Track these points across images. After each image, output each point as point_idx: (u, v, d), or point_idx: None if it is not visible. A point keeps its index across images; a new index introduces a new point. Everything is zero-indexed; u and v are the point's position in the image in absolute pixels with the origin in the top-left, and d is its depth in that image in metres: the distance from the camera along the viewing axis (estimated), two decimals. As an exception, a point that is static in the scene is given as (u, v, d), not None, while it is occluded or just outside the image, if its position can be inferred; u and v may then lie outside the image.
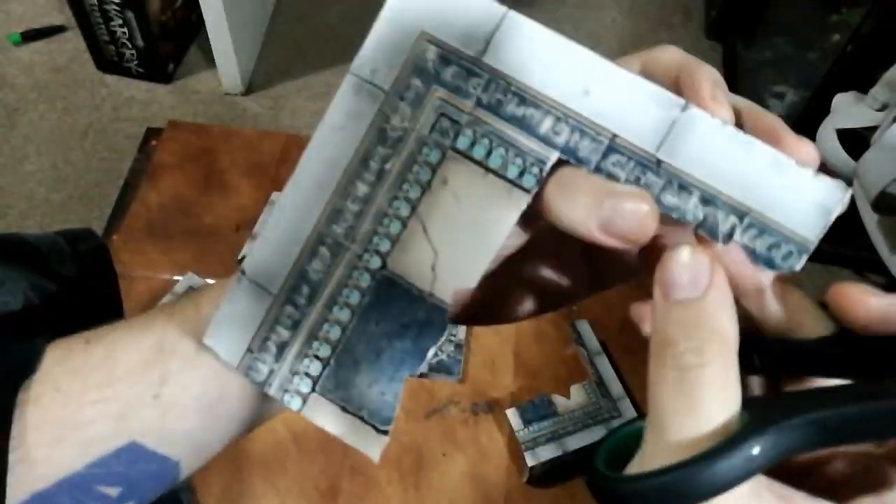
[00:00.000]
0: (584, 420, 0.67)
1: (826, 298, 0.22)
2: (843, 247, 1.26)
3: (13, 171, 1.50)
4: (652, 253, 0.24)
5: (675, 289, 0.21)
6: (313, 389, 0.26)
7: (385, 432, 0.25)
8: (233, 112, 1.61)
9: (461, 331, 0.73)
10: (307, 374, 0.26)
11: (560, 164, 0.23)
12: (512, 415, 0.67)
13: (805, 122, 1.06)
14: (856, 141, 0.86)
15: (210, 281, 0.76)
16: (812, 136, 0.90)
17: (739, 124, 0.24)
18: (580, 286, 0.31)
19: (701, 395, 0.19)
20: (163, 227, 0.82)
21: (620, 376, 0.70)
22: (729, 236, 0.23)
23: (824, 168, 0.23)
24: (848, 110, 0.88)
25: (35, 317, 0.34)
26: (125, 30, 1.53)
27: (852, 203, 0.82)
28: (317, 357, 0.26)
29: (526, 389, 0.71)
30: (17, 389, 0.27)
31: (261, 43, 1.72)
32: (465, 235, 0.24)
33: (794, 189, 0.22)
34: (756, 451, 0.19)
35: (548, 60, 0.23)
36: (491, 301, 0.31)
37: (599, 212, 0.22)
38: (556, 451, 0.65)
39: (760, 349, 0.23)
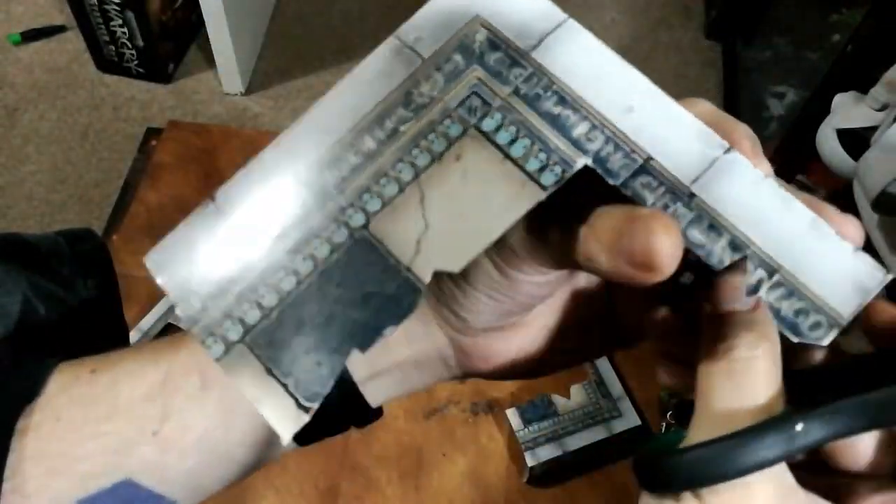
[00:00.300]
0: (584, 420, 0.67)
1: (864, 324, 0.22)
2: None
3: (13, 172, 1.49)
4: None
5: (729, 301, 0.22)
6: (242, 339, 0.23)
7: (306, 409, 0.22)
8: (233, 112, 1.61)
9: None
10: (241, 321, 0.23)
11: (590, 198, 0.22)
12: (512, 415, 0.67)
13: (805, 122, 1.06)
14: (856, 141, 0.85)
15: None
16: (812, 136, 0.90)
17: None
18: (597, 348, 0.31)
19: (750, 381, 0.20)
20: (163, 228, 0.81)
21: (620, 376, 0.70)
22: (755, 290, 0.22)
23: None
24: (848, 110, 0.88)
25: (35, 319, 0.34)
26: (125, 30, 1.53)
27: (853, 203, 0.82)
28: (259, 304, 0.23)
29: (526, 389, 0.71)
30: (17, 416, 0.27)
31: (261, 43, 1.72)
32: (463, 216, 0.22)
33: (831, 259, 0.21)
34: (799, 427, 0.19)
35: (596, 71, 0.22)
36: (518, 358, 0.29)
37: (623, 240, 0.21)
38: (557, 452, 0.64)
39: (787, 377, 0.23)
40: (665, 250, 0.20)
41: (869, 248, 0.87)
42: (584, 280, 0.29)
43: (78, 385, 0.28)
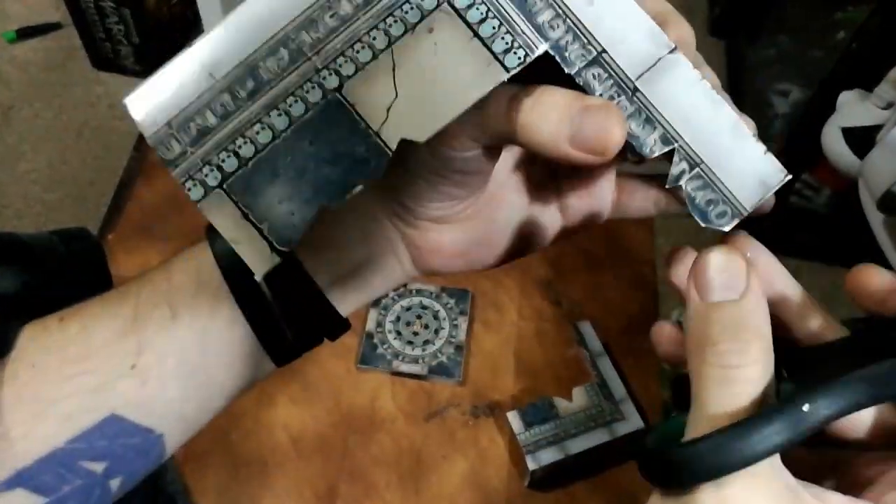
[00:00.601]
0: (586, 423, 0.66)
1: (845, 285, 0.24)
2: (848, 246, 1.25)
3: (8, 170, 1.49)
4: None
5: (713, 290, 0.22)
6: (220, 185, 0.24)
7: (280, 253, 0.24)
8: (230, 110, 1.60)
9: (461, 332, 0.73)
10: (219, 168, 0.24)
11: (539, 75, 0.24)
12: (513, 417, 0.66)
13: (810, 120, 1.05)
14: (861, 139, 0.85)
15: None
16: (817, 134, 0.89)
17: None
18: (552, 229, 0.31)
19: (743, 390, 0.20)
20: (158, 227, 0.81)
21: (623, 378, 0.70)
22: (676, 179, 0.24)
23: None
24: (853, 108, 0.87)
25: (26, 315, 0.33)
26: (121, 27, 1.52)
27: (857, 202, 0.81)
28: (236, 154, 0.24)
29: (527, 392, 0.71)
30: None
31: (258, 40, 1.71)
32: (431, 89, 0.24)
33: (744, 158, 0.24)
34: (806, 408, 0.20)
35: None
36: (467, 249, 0.31)
37: (571, 123, 0.23)
38: (558, 455, 0.64)
39: (787, 358, 0.23)
40: (616, 138, 0.22)
41: (874, 246, 0.86)
42: (525, 170, 0.31)
43: (48, 334, 0.29)
